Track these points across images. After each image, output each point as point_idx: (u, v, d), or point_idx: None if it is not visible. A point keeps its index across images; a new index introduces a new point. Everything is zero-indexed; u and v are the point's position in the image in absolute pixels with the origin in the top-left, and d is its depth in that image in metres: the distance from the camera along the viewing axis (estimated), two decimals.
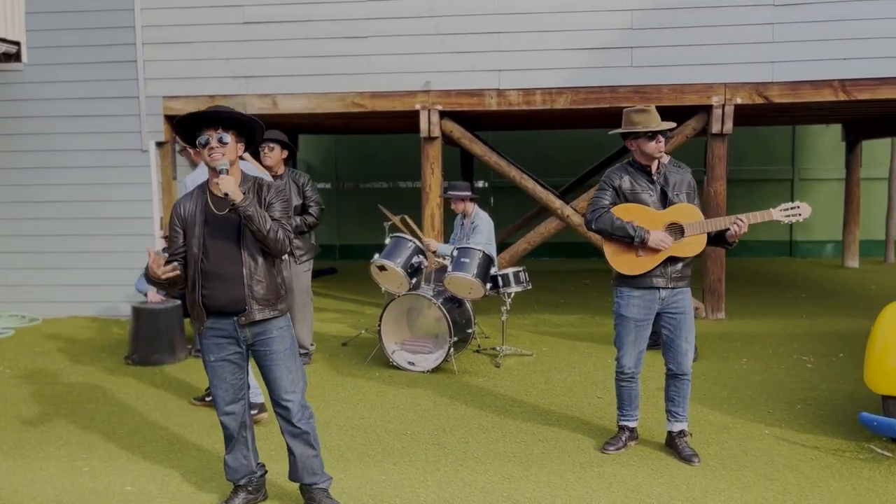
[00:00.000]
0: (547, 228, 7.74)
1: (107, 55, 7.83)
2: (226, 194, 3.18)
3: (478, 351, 6.38)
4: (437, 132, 7.58)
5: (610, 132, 4.10)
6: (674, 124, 4.03)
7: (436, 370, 5.77)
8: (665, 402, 4.18)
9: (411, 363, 5.81)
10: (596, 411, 4.88)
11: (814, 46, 7.07)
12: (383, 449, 4.28)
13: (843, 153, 11.73)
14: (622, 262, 4.01)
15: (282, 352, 3.39)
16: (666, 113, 7.93)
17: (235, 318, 3.32)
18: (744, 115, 8.57)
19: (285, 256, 4.48)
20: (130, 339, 6.27)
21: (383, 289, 6.40)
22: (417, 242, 5.94)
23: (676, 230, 3.97)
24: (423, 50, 7.48)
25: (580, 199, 7.75)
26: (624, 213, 4.00)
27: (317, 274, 10.42)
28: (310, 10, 7.57)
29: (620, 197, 4.04)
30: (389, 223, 6.60)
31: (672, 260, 4.00)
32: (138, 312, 6.22)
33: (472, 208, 6.49)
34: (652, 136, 3.90)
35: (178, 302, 6.38)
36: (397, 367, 5.85)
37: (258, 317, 3.31)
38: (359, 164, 13.28)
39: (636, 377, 4.18)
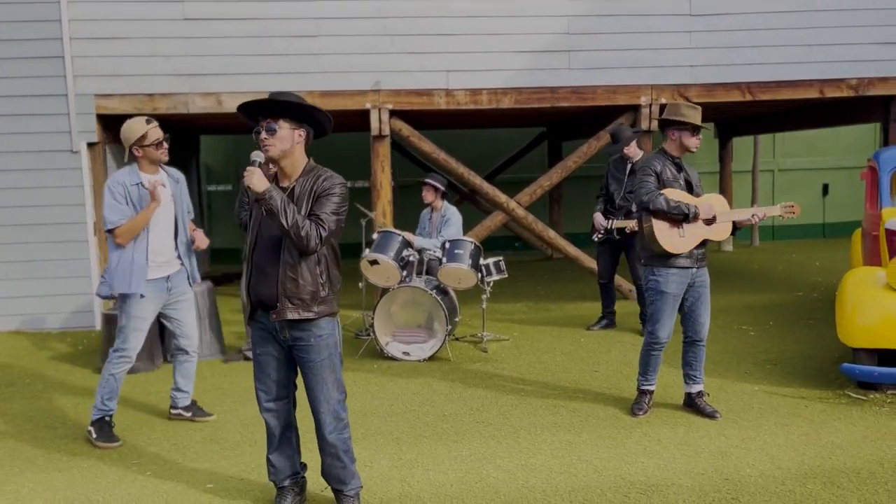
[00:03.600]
0: (493, 222, 8.15)
1: (30, 50, 7.31)
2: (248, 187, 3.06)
3: (457, 339, 6.66)
4: (386, 130, 7.75)
5: (661, 117, 4.47)
6: (710, 125, 4.54)
7: (430, 359, 5.99)
8: (683, 368, 4.69)
9: (406, 353, 6.00)
10: (600, 383, 5.34)
11: (725, 53, 7.96)
12: (433, 430, 4.48)
13: (716, 149, 13.08)
14: (668, 241, 4.42)
15: (317, 361, 3.24)
16: (599, 112, 8.64)
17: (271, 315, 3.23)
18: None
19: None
20: (104, 347, 5.96)
21: (362, 284, 6.54)
22: (405, 235, 6.14)
23: (713, 217, 4.48)
24: (373, 50, 7.63)
25: (523, 193, 8.21)
26: (672, 196, 4.44)
27: (231, 278, 10.24)
28: (255, 8, 7.48)
29: (660, 183, 4.48)
30: (366, 219, 6.73)
31: (701, 243, 4.50)
32: (112, 319, 5.94)
33: (442, 203, 6.77)
34: (696, 131, 4.39)
35: None
36: (392, 358, 6.01)
37: (289, 316, 3.16)
38: None
39: (665, 346, 4.65)
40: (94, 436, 4.36)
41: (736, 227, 4.61)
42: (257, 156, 3.14)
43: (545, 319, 7.50)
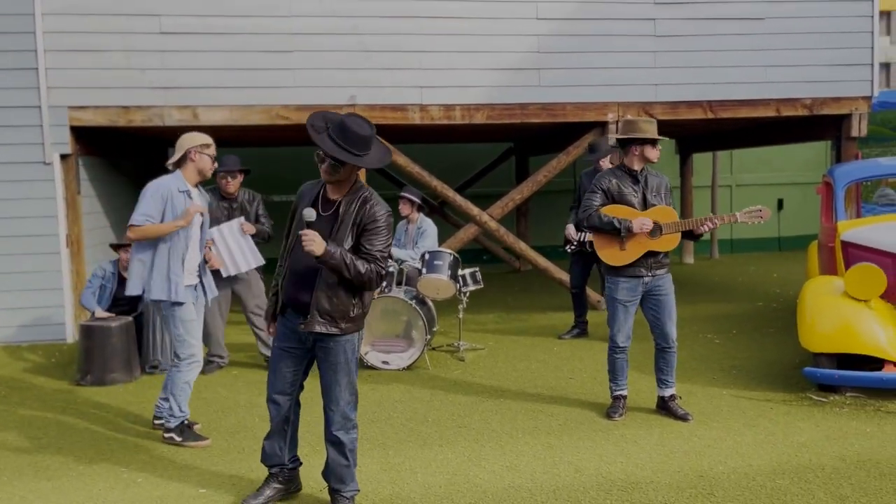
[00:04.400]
0: (466, 234, 8.32)
1: (3, 62, 7.28)
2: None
3: (433, 348, 6.79)
4: None
5: (618, 136, 4.72)
6: (668, 140, 4.78)
7: (409, 368, 6.12)
8: (655, 373, 4.91)
9: (385, 362, 6.11)
10: (574, 389, 5.52)
11: (687, 72, 8.27)
12: (418, 435, 4.61)
13: (677, 164, 13.48)
14: (608, 254, 4.71)
15: (335, 364, 3.45)
16: (567, 128, 8.90)
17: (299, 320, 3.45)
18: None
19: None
20: (81, 358, 5.96)
21: None
22: None
23: (656, 228, 4.69)
24: (348, 65, 7.76)
25: (495, 206, 8.41)
26: (612, 212, 4.69)
27: None
28: (233, 22, 7.57)
29: (609, 198, 4.73)
30: None
31: (653, 253, 4.72)
32: (89, 330, 5.95)
33: (418, 215, 6.92)
34: (655, 143, 4.62)
35: (129, 319, 6.17)
36: (371, 367, 6.12)
37: (317, 329, 3.38)
38: None
39: (626, 350, 4.86)
40: (180, 439, 4.50)
41: (695, 236, 4.81)
42: (309, 215, 3.23)
43: (518, 329, 7.68)
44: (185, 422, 4.56)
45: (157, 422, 4.82)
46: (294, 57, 7.69)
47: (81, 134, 7.72)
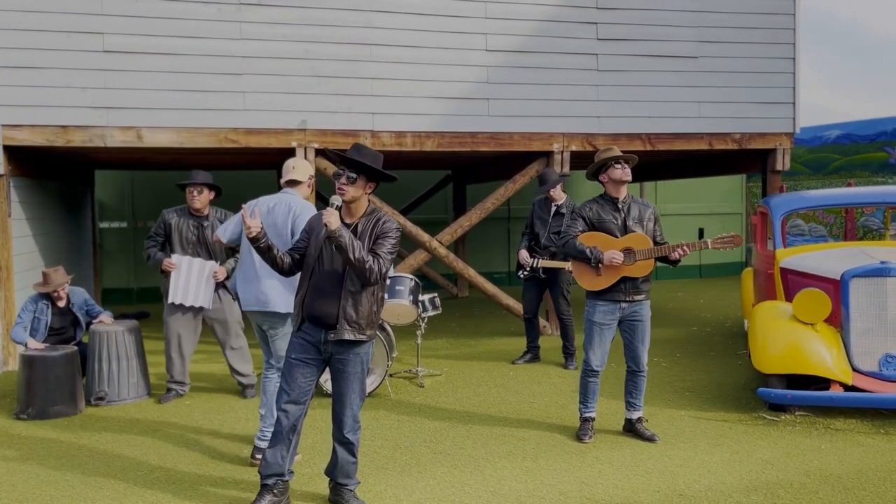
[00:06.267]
0: (416, 259, 8.34)
1: None
2: (325, 225, 3.49)
3: (391, 375, 6.74)
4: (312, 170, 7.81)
5: (589, 176, 4.91)
6: (635, 157, 4.94)
7: (370, 395, 6.05)
8: (625, 395, 5.04)
9: None
10: (538, 413, 5.59)
11: (628, 106, 8.62)
12: (394, 463, 4.56)
13: None
14: (585, 279, 4.86)
15: (353, 373, 3.79)
16: (516, 157, 9.07)
17: (325, 332, 3.69)
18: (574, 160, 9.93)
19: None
20: (22, 391, 5.63)
21: None
22: None
23: (630, 255, 4.86)
24: (299, 90, 7.71)
25: (444, 232, 8.48)
26: (587, 239, 4.83)
27: (128, 317, 9.82)
28: (181, 43, 7.41)
29: (588, 225, 4.86)
30: None
31: (630, 279, 4.87)
32: (31, 361, 5.63)
33: None
34: (618, 162, 4.79)
35: (74, 348, 5.88)
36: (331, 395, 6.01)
37: (346, 336, 3.66)
38: (157, 201, 12.61)
39: (600, 374, 4.97)
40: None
41: (672, 262, 4.98)
42: (336, 200, 3.62)
43: (469, 355, 7.72)
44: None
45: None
46: (244, 80, 7.58)
47: (17, 154, 7.37)
